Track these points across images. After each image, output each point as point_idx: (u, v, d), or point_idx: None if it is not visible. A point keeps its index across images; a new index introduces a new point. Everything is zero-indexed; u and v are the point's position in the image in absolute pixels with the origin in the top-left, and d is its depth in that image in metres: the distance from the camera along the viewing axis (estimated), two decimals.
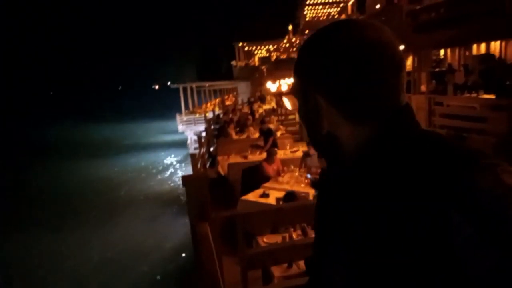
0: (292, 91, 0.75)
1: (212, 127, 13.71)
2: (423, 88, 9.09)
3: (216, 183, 8.16)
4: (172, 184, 16.03)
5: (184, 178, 2.32)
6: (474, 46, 10.37)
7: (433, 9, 8.43)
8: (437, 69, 10.43)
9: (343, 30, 0.65)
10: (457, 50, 11.36)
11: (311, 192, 5.81)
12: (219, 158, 8.92)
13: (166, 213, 12.09)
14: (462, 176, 0.52)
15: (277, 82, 20.42)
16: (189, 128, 23.87)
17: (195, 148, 21.66)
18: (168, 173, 18.39)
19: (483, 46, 10.18)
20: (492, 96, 7.20)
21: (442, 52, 12.48)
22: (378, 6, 14.76)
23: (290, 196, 4.16)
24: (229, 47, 33.93)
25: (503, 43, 9.34)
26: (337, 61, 0.63)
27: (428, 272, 0.52)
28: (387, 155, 0.61)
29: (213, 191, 7.63)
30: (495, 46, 9.82)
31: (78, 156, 22.86)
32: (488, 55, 9.68)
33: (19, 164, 21.32)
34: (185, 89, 31.27)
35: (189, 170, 16.74)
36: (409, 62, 12.30)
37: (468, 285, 0.49)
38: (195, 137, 22.98)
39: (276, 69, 23.99)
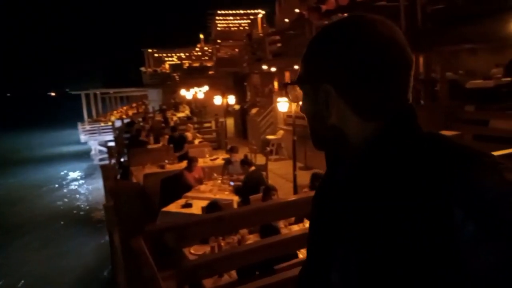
0: (299, 81, 0.72)
1: (123, 136, 12.85)
2: None
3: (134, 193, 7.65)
4: (77, 199, 14.58)
5: (112, 190, 2.10)
6: None
7: None
8: None
9: (360, 23, 0.65)
10: None
11: (235, 199, 5.81)
12: (133, 168, 8.38)
13: (72, 232, 10.90)
14: (465, 174, 0.52)
15: (191, 90, 20.13)
16: (93, 138, 22.19)
17: (100, 159, 20.19)
18: (71, 187, 16.67)
19: None
20: None
21: None
22: (287, 20, 15.58)
23: (213, 205, 4.08)
24: (138, 53, 32.56)
25: None
26: (352, 52, 0.63)
27: (433, 268, 0.52)
28: (394, 152, 0.61)
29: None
30: None
31: None
32: None
33: None
34: (87, 96, 29.01)
35: (95, 184, 15.44)
36: None
37: (472, 280, 0.50)
38: (101, 148, 21.47)
39: (189, 77, 23.70)
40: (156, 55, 30.29)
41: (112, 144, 14.10)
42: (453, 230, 0.50)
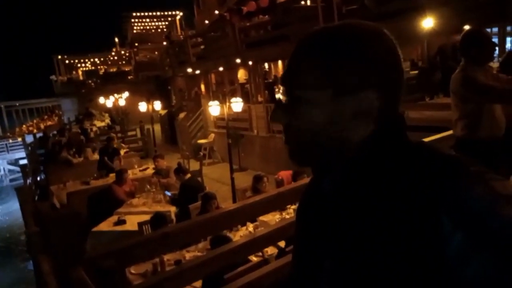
0: (317, 86, 0.61)
1: (37, 152, 11.66)
2: (260, 98, 9.96)
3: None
4: None
5: (47, 217, 1.86)
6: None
7: (261, 27, 9.37)
8: (266, 80, 11.56)
9: (380, 30, 0.63)
10: (279, 63, 12.93)
11: (172, 209, 5.58)
12: (53, 188, 7.64)
13: None
14: (453, 183, 0.53)
15: (111, 97, 18.94)
16: (1, 157, 19.82)
17: (11, 180, 18.14)
18: None
19: None
20: None
21: (266, 65, 13.93)
22: (207, 22, 15.47)
23: (159, 217, 3.84)
24: (46, 60, 29.77)
25: None
26: (390, 57, 0.62)
27: (422, 278, 0.52)
28: (387, 160, 0.61)
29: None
30: None
31: None
32: None
33: None
34: None
35: (8, 208, 13.78)
36: (240, 75, 13.32)
37: None
38: (11, 167, 19.26)
39: (107, 83, 22.32)
40: (67, 61, 27.99)
41: (24, 162, 12.72)
42: (441, 240, 0.50)
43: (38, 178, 9.60)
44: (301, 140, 0.64)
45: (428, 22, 5.29)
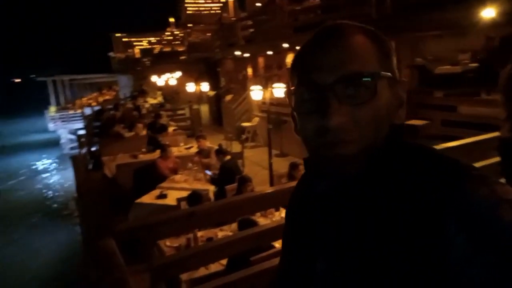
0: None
1: (93, 124, 12.45)
2: None
3: (104, 186, 7.47)
4: (49, 191, 14.09)
5: (80, 189, 2.03)
6: None
7: (311, 11, 9.15)
8: None
9: None
10: None
11: (211, 188, 5.78)
12: (104, 159, 8.17)
13: (44, 226, 10.53)
14: (456, 187, 0.53)
15: (163, 76, 19.60)
16: (63, 126, 21.44)
17: (71, 148, 19.55)
18: (42, 178, 16.08)
19: None
20: None
21: None
22: (259, 4, 15.36)
23: (195, 196, 3.99)
24: (106, 38, 31.36)
25: None
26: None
27: (423, 281, 0.52)
28: (394, 160, 0.61)
29: (102, 195, 7.01)
30: None
31: None
32: None
33: None
34: (55, 83, 27.90)
35: (66, 174, 14.94)
36: (289, 59, 13.15)
37: None
38: (71, 136, 20.75)
39: (161, 62, 23.07)
40: (124, 39, 29.28)
41: (82, 132, 13.65)
42: (445, 242, 0.51)
43: (93, 149, 10.31)
44: (365, 132, 0.59)
45: (488, 12, 4.89)
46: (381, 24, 5.48)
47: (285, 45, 9.43)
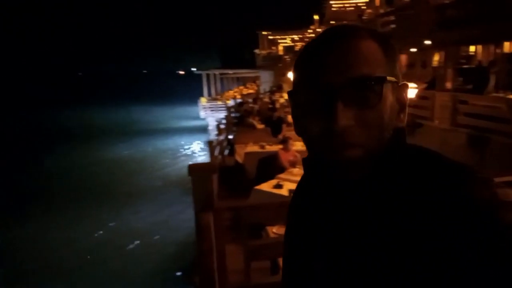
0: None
1: (232, 115, 13.77)
2: (448, 85, 8.83)
3: (234, 170, 8.29)
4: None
5: (190, 167, 2.39)
6: (507, 44, 9.95)
7: (461, 5, 8.12)
8: (465, 66, 10.07)
9: None
10: (488, 48, 10.94)
11: None
12: (237, 146, 9.01)
13: (182, 201, 12.01)
14: (461, 189, 0.54)
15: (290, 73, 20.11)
16: (211, 115, 24.12)
17: (216, 135, 21.85)
18: (189, 158, 18.59)
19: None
20: None
21: (472, 48, 12.04)
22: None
23: None
24: (252, 35, 33.78)
25: None
26: None
27: (423, 277, 0.52)
28: (396, 166, 0.61)
29: (231, 178, 7.79)
30: None
31: (105, 139, 23.36)
32: None
33: (39, 147, 21.31)
34: (208, 76, 31.53)
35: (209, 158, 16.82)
36: (436, 57, 11.96)
37: None
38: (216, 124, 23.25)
39: None
40: (270, 37, 30.98)
41: (223, 121, 15.23)
42: (449, 243, 0.51)
43: (230, 137, 11.45)
44: (370, 136, 0.59)
45: None
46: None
47: (427, 42, 8.63)
